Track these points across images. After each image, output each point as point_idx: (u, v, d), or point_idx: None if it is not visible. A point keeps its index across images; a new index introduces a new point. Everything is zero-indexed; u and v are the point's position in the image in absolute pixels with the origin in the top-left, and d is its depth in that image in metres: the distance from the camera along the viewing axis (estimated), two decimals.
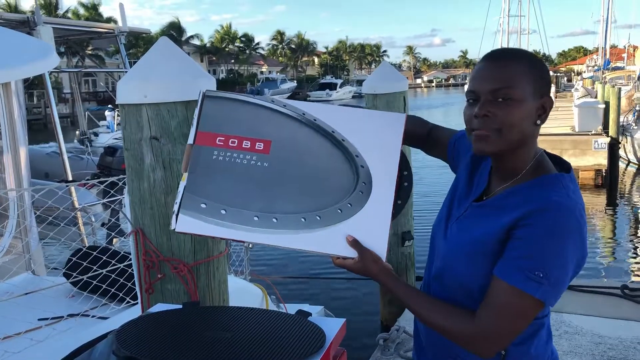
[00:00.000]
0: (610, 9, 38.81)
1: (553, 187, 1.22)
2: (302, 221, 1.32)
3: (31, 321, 2.76)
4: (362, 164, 1.39)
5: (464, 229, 1.33)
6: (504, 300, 1.18)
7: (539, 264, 1.14)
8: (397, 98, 5.04)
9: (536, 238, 1.15)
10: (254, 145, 1.39)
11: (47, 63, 3.60)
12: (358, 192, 1.36)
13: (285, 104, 1.46)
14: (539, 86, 1.23)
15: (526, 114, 1.22)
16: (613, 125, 16.11)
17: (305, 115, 1.44)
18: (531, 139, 1.27)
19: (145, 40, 46.27)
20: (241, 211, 1.32)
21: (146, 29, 9.43)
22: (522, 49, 1.32)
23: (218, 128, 1.40)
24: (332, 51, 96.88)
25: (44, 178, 7.49)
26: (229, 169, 1.36)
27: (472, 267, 1.27)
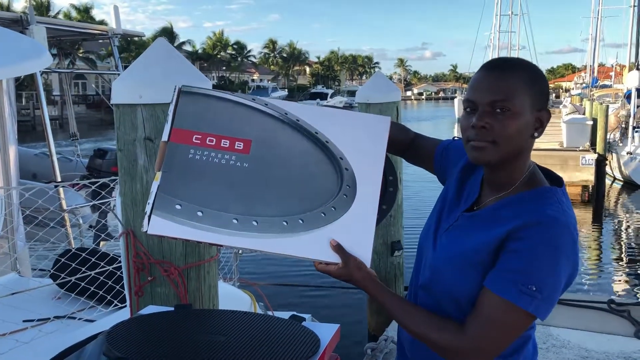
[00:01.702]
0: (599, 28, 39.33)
1: (547, 200, 1.21)
2: (284, 225, 1.26)
3: (16, 322, 2.72)
4: (346, 166, 1.34)
5: (454, 240, 1.31)
6: (496, 314, 1.16)
7: (532, 278, 1.14)
8: (390, 108, 5.06)
9: (530, 252, 1.14)
10: (233, 145, 1.32)
11: (39, 62, 3.57)
12: (342, 195, 1.31)
13: (266, 103, 1.39)
14: (537, 99, 1.23)
15: (523, 127, 1.21)
16: (600, 142, 16.29)
17: (288, 115, 1.38)
18: (526, 152, 1.27)
19: (138, 44, 46.19)
20: (219, 213, 1.24)
21: (140, 32, 9.40)
22: (523, 59, 1.30)
23: (195, 125, 1.32)
24: (323, 61, 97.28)
25: (32, 179, 7.41)
26: (206, 169, 1.29)
27: (462, 278, 1.25)
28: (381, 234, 5.30)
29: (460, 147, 1.46)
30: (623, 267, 9.54)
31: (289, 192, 1.30)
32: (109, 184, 3.40)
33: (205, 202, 1.25)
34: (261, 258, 8.63)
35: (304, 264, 8.59)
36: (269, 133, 1.35)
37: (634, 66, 23.08)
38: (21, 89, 34.74)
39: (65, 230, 4.86)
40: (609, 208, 14.70)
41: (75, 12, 53.08)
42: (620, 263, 9.76)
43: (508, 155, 1.23)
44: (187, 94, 1.35)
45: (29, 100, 38.09)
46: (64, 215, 4.90)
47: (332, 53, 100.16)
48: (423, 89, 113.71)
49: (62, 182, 5.28)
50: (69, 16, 51.72)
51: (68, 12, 52.90)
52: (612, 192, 16.30)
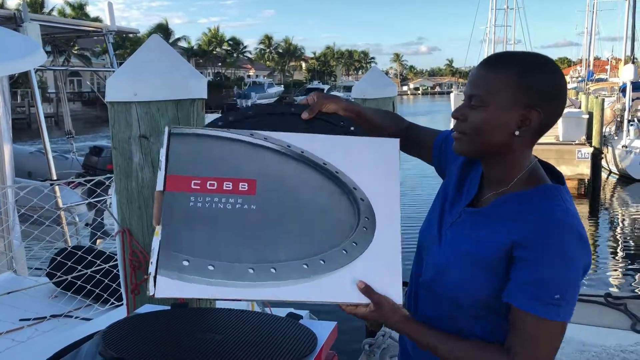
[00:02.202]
0: (594, 22, 39.39)
1: (553, 200, 1.20)
2: (305, 268, 1.16)
3: (13, 321, 2.71)
4: (361, 196, 1.25)
5: (459, 237, 1.30)
6: (531, 330, 1.16)
7: (553, 287, 1.14)
8: (386, 103, 5.05)
9: (546, 261, 1.14)
10: (237, 187, 1.21)
11: (33, 60, 3.55)
12: (362, 228, 1.22)
13: (266, 137, 1.28)
14: (523, 97, 1.20)
15: (498, 123, 1.21)
16: (596, 136, 16.33)
17: (291, 148, 1.27)
18: (516, 149, 1.25)
19: (132, 41, 46.03)
20: (232, 265, 1.13)
21: (134, 29, 9.37)
22: (527, 54, 1.26)
23: (191, 170, 1.21)
24: (319, 57, 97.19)
25: (28, 177, 7.38)
26: (211, 217, 1.17)
27: (468, 279, 1.24)
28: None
29: None
30: (619, 260, 9.58)
31: (304, 231, 1.20)
32: (104, 181, 3.39)
33: (215, 253, 1.14)
34: None
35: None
36: (274, 169, 1.25)
37: (630, 59, 23.13)
38: (16, 86, 34.60)
39: (61, 229, 4.84)
40: (605, 202, 14.76)
41: (69, 9, 52.84)
42: (617, 257, 9.80)
43: (484, 149, 1.24)
44: (177, 136, 1.24)
45: (24, 98, 37.94)
46: (59, 214, 4.89)
47: (328, 48, 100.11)
48: (419, 83, 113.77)
49: (57, 180, 5.27)
50: (63, 13, 51.50)
51: (62, 9, 52.68)
52: (607, 185, 16.35)
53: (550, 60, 1.26)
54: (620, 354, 3.75)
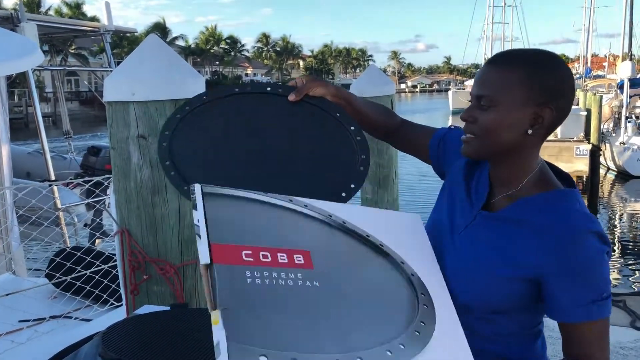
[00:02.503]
0: (592, 19, 39.40)
1: (572, 206, 1.19)
2: (389, 355, 1.00)
3: (12, 323, 2.70)
4: (411, 272, 1.16)
5: (475, 242, 1.26)
6: (596, 335, 1.17)
7: (599, 288, 1.15)
8: (385, 101, 5.04)
9: (585, 269, 1.14)
10: (292, 259, 1.04)
11: (31, 60, 3.54)
12: (422, 305, 1.12)
13: (306, 204, 1.16)
14: (535, 94, 1.17)
15: (509, 122, 1.18)
16: (594, 133, 16.35)
17: (333, 218, 1.16)
18: (526, 149, 1.23)
19: (130, 40, 45.97)
20: (318, 356, 0.93)
21: (132, 29, 9.35)
22: (535, 51, 1.24)
23: (238, 238, 1.01)
24: (317, 55, 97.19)
25: (26, 177, 7.37)
26: (276, 297, 0.96)
27: (486, 286, 1.22)
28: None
29: (457, 139, 1.42)
30: (618, 257, 9.59)
31: (375, 311, 1.07)
32: (103, 182, 3.39)
33: (294, 344, 0.92)
34: None
35: None
36: (323, 240, 1.13)
37: (627, 56, 23.14)
38: (13, 86, 34.55)
39: (60, 229, 4.84)
40: (603, 198, 14.78)
41: (66, 9, 52.75)
42: (616, 253, 9.81)
43: (496, 150, 1.21)
44: (212, 197, 1.06)
45: (21, 98, 37.91)
46: (58, 214, 4.88)
47: (326, 46, 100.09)
48: (417, 81, 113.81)
49: (56, 181, 5.25)
50: (60, 12, 51.40)
51: (59, 9, 52.59)
52: (605, 182, 16.38)
53: (558, 56, 1.24)
54: (620, 351, 3.76)
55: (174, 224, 2.12)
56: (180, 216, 2.13)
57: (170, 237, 2.13)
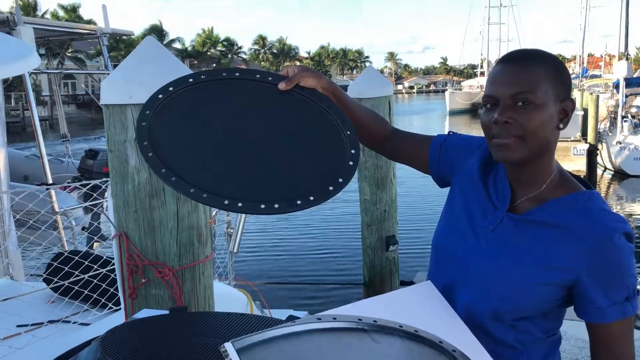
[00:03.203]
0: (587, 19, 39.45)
1: (603, 206, 1.20)
2: None
3: (10, 328, 2.68)
4: (452, 348, 1.14)
5: (504, 245, 1.23)
6: (630, 332, 1.20)
7: (632, 285, 1.17)
8: (382, 102, 5.05)
9: (619, 270, 1.16)
10: None
11: (27, 63, 3.52)
12: None
13: (334, 317, 1.15)
14: (560, 90, 1.18)
15: (548, 119, 1.16)
16: (591, 132, 16.39)
17: (363, 321, 1.15)
18: (553, 145, 1.23)
19: (127, 43, 45.93)
20: None
21: (129, 31, 9.34)
22: (541, 50, 1.24)
23: None
24: (314, 56, 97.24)
25: (23, 181, 7.35)
26: None
27: (519, 290, 1.20)
28: (376, 228, 5.29)
29: (460, 143, 1.41)
30: None
31: None
32: (100, 185, 3.37)
33: None
34: (257, 256, 8.61)
35: (299, 262, 8.58)
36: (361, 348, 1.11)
37: (624, 56, 23.18)
38: (10, 89, 34.54)
39: (57, 233, 4.82)
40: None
41: (62, 12, 52.67)
42: None
43: (535, 150, 1.18)
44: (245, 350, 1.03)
45: (18, 101, 37.86)
46: (56, 218, 4.86)
47: (322, 48, 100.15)
48: (414, 82, 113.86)
49: (53, 185, 5.24)
50: (57, 16, 51.34)
51: (55, 12, 52.51)
52: (603, 181, 16.40)
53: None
54: None
55: (172, 227, 2.11)
56: (178, 219, 2.12)
57: (168, 240, 2.12)
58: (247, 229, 4.03)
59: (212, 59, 72.14)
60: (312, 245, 9.84)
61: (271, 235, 10.49)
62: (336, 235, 10.40)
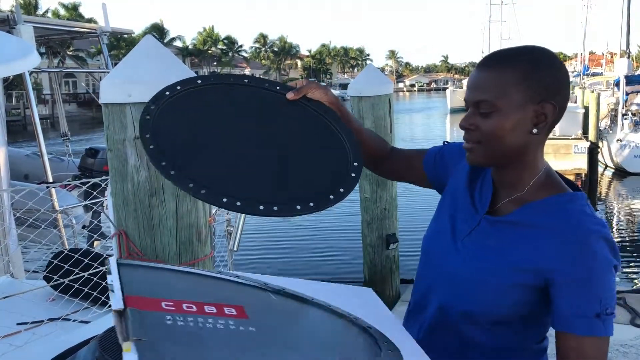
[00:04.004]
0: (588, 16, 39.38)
1: (582, 210, 1.16)
2: None
3: (10, 326, 2.68)
4: (367, 325, 1.08)
5: (481, 248, 1.22)
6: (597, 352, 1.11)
7: (604, 302, 1.10)
8: (382, 101, 5.05)
9: (591, 278, 1.10)
10: (223, 311, 0.94)
11: (27, 62, 3.52)
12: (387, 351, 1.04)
13: (238, 275, 1.14)
14: (534, 92, 1.14)
15: (513, 125, 1.14)
16: (592, 130, 16.37)
17: (269, 285, 1.12)
18: (531, 149, 1.19)
19: (127, 41, 45.94)
20: None
21: (129, 30, 9.34)
22: (529, 47, 1.20)
23: (157, 294, 0.94)
24: (315, 54, 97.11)
25: (24, 180, 7.36)
26: (201, 336, 0.85)
27: (494, 293, 1.19)
28: (376, 227, 5.29)
29: (455, 149, 1.42)
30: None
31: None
32: (100, 183, 3.38)
33: None
34: (257, 254, 8.62)
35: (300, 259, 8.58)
36: (259, 299, 1.07)
37: (625, 53, 23.14)
38: (11, 88, 34.54)
39: (58, 231, 4.82)
40: (602, 196, 14.79)
41: (63, 10, 52.68)
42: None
43: (503, 155, 1.18)
44: (127, 266, 1.01)
45: (19, 100, 37.89)
46: (56, 216, 4.87)
47: (324, 46, 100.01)
48: (415, 80, 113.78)
49: (53, 183, 5.24)
50: (57, 14, 51.35)
51: (56, 11, 52.52)
52: (603, 179, 16.38)
53: (549, 50, 1.20)
54: (620, 348, 3.76)
55: (171, 225, 2.12)
56: (177, 218, 2.13)
57: (168, 238, 2.13)
58: (247, 227, 4.04)
59: (213, 57, 72.16)
60: (312, 243, 9.85)
61: (271, 234, 10.50)
62: (336, 233, 10.41)
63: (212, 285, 1.09)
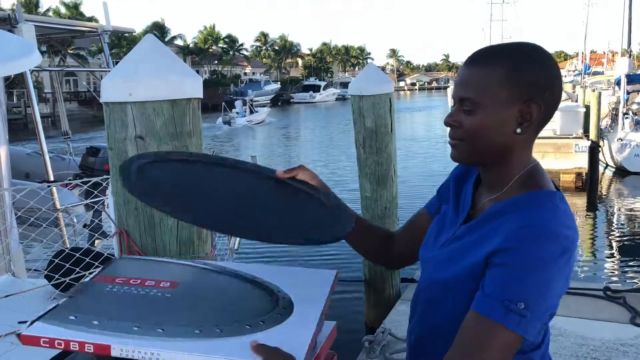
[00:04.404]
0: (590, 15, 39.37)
1: (542, 205, 1.11)
2: (197, 332, 1.10)
3: (11, 324, 2.69)
4: (284, 295, 1.25)
5: (452, 255, 1.20)
6: (481, 336, 1.05)
7: (521, 294, 1.03)
8: (383, 100, 5.04)
9: (518, 265, 1.03)
10: (159, 284, 1.25)
11: (28, 61, 3.53)
12: (275, 314, 1.19)
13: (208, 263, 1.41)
14: (519, 91, 1.11)
15: (496, 123, 1.13)
16: (593, 129, 16.35)
17: (227, 268, 1.36)
18: (515, 149, 1.16)
19: (129, 40, 45.89)
20: (119, 322, 1.11)
21: (130, 28, 9.35)
22: (516, 45, 1.18)
23: (120, 273, 1.30)
24: (315, 53, 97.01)
25: (25, 178, 7.36)
26: (119, 296, 1.21)
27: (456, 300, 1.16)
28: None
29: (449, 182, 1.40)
30: (618, 253, 9.59)
31: (211, 309, 1.19)
32: (101, 183, 3.38)
33: (105, 313, 1.13)
34: (258, 254, 8.63)
35: (301, 259, 8.59)
36: (200, 277, 1.33)
37: (626, 52, 23.10)
38: (12, 87, 34.55)
39: (59, 230, 4.83)
40: (602, 195, 14.78)
41: (64, 9, 52.65)
42: (616, 250, 9.81)
43: (484, 153, 1.16)
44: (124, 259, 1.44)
45: (20, 98, 37.89)
46: (57, 215, 4.87)
47: (324, 45, 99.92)
48: (416, 79, 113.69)
49: (54, 182, 5.25)
50: (58, 12, 51.33)
51: (57, 9, 52.50)
52: (604, 179, 16.37)
53: (540, 47, 1.17)
54: (620, 348, 3.76)
55: (172, 224, 2.12)
56: None
57: (168, 237, 2.13)
58: None
59: (214, 55, 72.11)
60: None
61: None
62: None
63: (174, 269, 1.35)
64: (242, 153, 24.37)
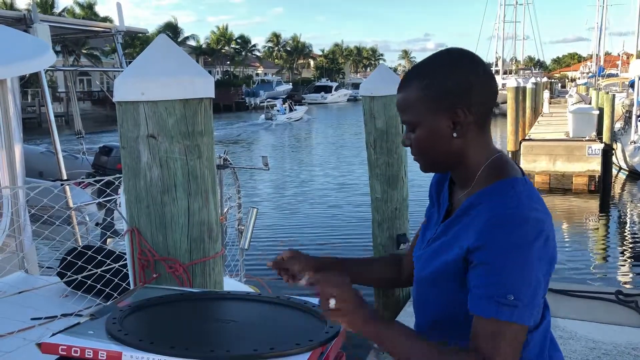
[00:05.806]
0: (604, 17, 39.04)
1: (504, 195, 1.17)
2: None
3: (24, 320, 2.72)
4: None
5: (433, 253, 1.29)
6: (488, 335, 1.10)
7: (507, 287, 1.08)
8: (394, 101, 5.04)
9: (496, 260, 1.09)
10: None
11: (43, 60, 3.57)
12: None
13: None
14: (438, 102, 1.20)
15: (431, 135, 1.22)
16: (607, 132, 16.19)
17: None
18: (466, 149, 1.24)
19: (142, 40, 46.18)
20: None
21: (143, 29, 9.40)
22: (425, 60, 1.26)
23: None
24: (327, 54, 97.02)
25: (38, 177, 7.43)
26: None
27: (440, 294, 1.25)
28: (387, 227, 5.28)
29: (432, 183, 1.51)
30: (631, 257, 9.50)
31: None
32: (114, 181, 3.41)
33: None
34: (267, 253, 8.65)
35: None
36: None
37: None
38: (26, 86, 34.87)
39: (71, 228, 4.87)
40: (615, 198, 14.64)
41: (78, 9, 53.07)
42: (628, 253, 9.72)
43: (438, 161, 1.27)
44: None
45: (34, 98, 38.25)
46: (70, 213, 4.92)
47: (336, 46, 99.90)
48: None
49: (67, 180, 5.30)
50: (73, 13, 51.75)
51: (72, 9, 52.93)
52: (617, 182, 16.21)
53: (451, 51, 1.23)
54: (632, 352, 3.73)
55: (183, 222, 2.14)
56: (189, 215, 2.15)
57: (179, 236, 2.15)
58: (258, 226, 4.06)
59: (226, 56, 72.35)
60: (322, 243, 9.86)
61: (282, 233, 10.52)
62: (347, 233, 10.41)
63: None
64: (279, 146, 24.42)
